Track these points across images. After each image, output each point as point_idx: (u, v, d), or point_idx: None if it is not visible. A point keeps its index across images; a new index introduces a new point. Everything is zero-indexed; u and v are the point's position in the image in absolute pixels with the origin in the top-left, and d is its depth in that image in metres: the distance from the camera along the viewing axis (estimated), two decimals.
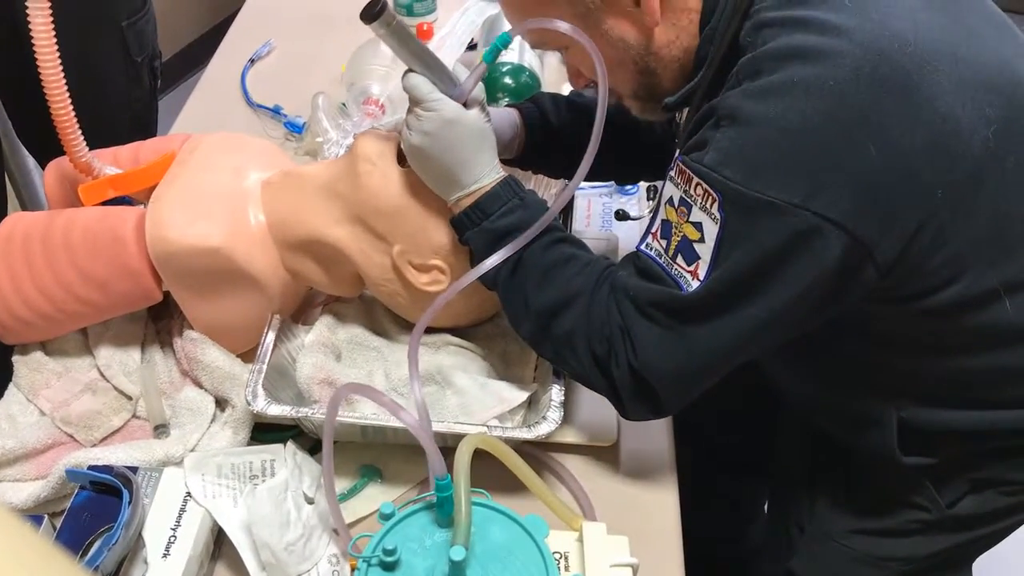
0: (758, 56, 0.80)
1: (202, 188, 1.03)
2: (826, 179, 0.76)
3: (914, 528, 1.04)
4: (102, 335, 1.09)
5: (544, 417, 0.95)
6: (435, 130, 0.92)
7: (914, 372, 0.94)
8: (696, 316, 0.83)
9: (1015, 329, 0.89)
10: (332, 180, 1.03)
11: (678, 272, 0.83)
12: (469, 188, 0.93)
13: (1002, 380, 0.93)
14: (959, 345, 0.91)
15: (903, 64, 0.76)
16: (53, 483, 0.94)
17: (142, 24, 1.54)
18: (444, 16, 1.78)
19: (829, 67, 0.76)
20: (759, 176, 0.77)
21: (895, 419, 0.96)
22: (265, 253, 1.03)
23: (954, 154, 0.79)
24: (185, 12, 3.11)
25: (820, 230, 0.77)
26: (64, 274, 1.02)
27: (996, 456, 0.98)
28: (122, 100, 1.58)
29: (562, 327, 0.90)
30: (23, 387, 1.06)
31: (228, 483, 0.92)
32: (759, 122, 0.77)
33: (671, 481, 1.02)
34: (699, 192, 0.80)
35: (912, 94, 0.76)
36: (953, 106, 0.78)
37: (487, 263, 0.91)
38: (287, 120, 1.52)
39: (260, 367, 0.99)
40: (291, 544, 0.86)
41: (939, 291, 0.85)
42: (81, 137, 1.00)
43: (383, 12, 0.88)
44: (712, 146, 0.80)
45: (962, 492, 1.01)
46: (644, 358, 0.86)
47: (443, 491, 0.77)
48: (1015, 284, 0.87)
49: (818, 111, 0.76)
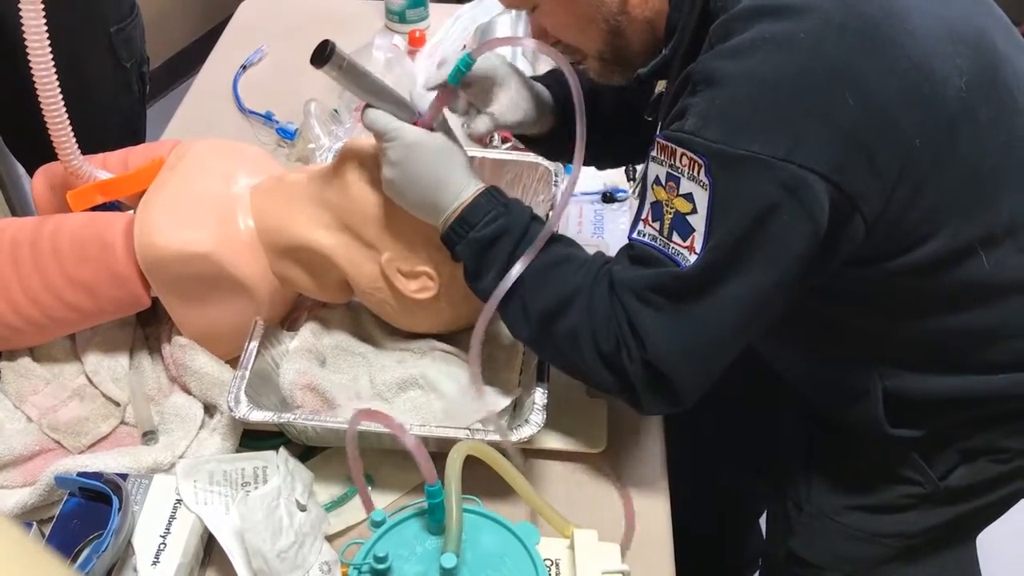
0: (727, 18, 0.80)
1: (191, 194, 1.03)
2: (807, 130, 0.77)
3: (908, 503, 1.04)
4: (90, 341, 1.09)
5: (527, 420, 0.95)
6: (400, 158, 0.92)
7: (895, 335, 0.94)
8: (697, 291, 0.83)
9: (993, 285, 0.90)
10: (321, 186, 1.03)
11: (675, 251, 0.83)
12: (451, 207, 0.93)
13: (982, 341, 0.93)
14: (938, 305, 0.91)
15: (871, 14, 0.78)
16: (41, 490, 0.93)
17: (130, 30, 1.54)
18: (436, 23, 1.78)
19: (799, 21, 0.77)
20: (741, 132, 0.77)
21: (880, 389, 0.96)
22: (254, 259, 1.03)
23: (929, 101, 0.79)
24: (177, 18, 3.11)
25: (806, 181, 0.77)
26: (52, 280, 1.01)
27: (984, 424, 0.98)
28: (111, 106, 1.58)
29: (564, 328, 0.89)
30: (10, 393, 1.06)
31: (220, 490, 0.92)
32: (734, 80, 0.78)
33: (662, 487, 1.02)
34: (684, 162, 0.80)
35: (884, 42, 0.77)
36: (926, 54, 0.79)
37: (513, 272, 0.89)
38: (279, 126, 1.52)
39: (243, 373, 0.99)
40: (283, 551, 0.85)
41: (917, 247, 0.85)
42: (73, 141, 1.00)
43: (332, 55, 0.88)
44: (691, 112, 0.80)
45: (953, 463, 1.01)
46: (653, 347, 0.85)
47: (434, 498, 0.77)
48: (991, 238, 0.87)
49: (792, 63, 0.77)
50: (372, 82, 0.93)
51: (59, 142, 0.98)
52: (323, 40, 0.88)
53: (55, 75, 0.93)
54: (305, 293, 1.08)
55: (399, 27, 1.77)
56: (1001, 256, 0.88)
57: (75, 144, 1.00)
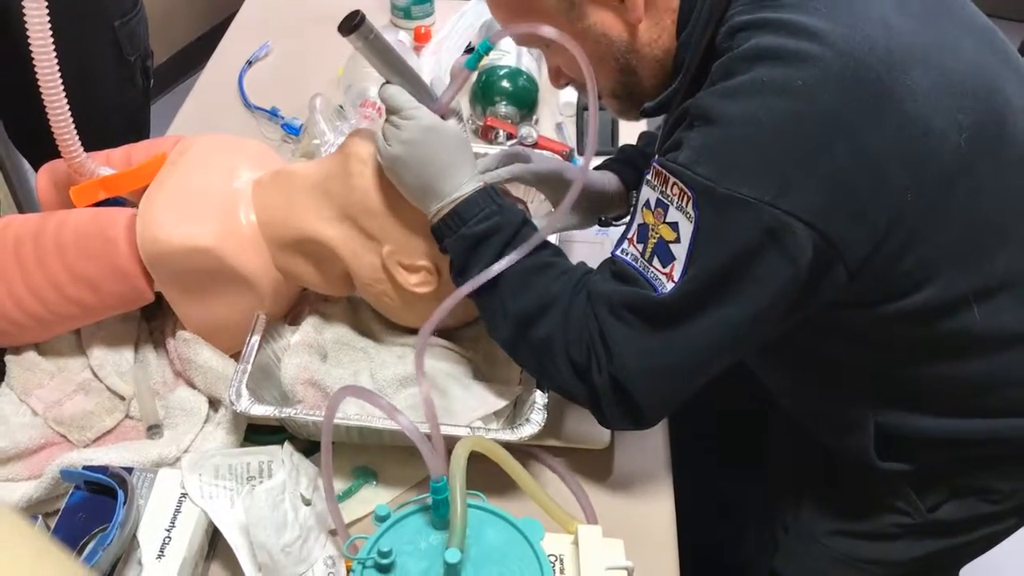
0: (731, 57, 0.80)
1: (193, 188, 1.03)
2: (796, 177, 0.77)
3: (896, 532, 1.04)
4: (95, 335, 1.09)
5: (527, 419, 0.95)
6: (413, 138, 0.92)
7: (887, 376, 0.95)
8: (671, 318, 0.83)
9: (985, 338, 0.89)
10: (323, 179, 1.03)
11: (654, 275, 0.84)
12: (449, 197, 0.93)
13: (976, 388, 0.93)
14: (933, 351, 0.91)
15: (873, 66, 0.77)
16: (46, 483, 0.94)
17: (134, 24, 1.54)
18: (442, 19, 1.78)
19: (799, 68, 0.76)
20: (731, 173, 0.78)
21: (872, 423, 0.96)
22: (256, 253, 1.03)
23: (924, 157, 0.79)
24: (182, 14, 3.11)
25: (790, 228, 0.77)
26: (56, 275, 1.02)
27: (975, 464, 0.98)
28: (115, 100, 1.58)
29: (539, 333, 0.90)
30: (16, 387, 1.06)
31: (225, 484, 0.92)
32: (730, 120, 0.78)
33: (667, 484, 1.02)
34: (675, 192, 0.81)
35: (882, 96, 0.77)
36: (924, 110, 0.78)
37: (495, 268, 0.90)
38: (284, 122, 1.52)
39: (244, 367, 0.99)
40: (288, 546, 0.85)
41: (909, 295, 0.85)
42: (76, 137, 1.00)
43: (361, 24, 0.89)
44: (686, 145, 0.81)
45: (943, 498, 1.01)
46: (620, 362, 0.85)
47: (439, 493, 0.77)
48: (985, 291, 0.87)
49: (788, 110, 0.77)
50: (395, 59, 0.94)
51: (61, 139, 0.98)
52: (354, 9, 0.89)
53: (59, 72, 0.93)
54: (308, 286, 1.08)
55: (404, 23, 1.77)
56: (996, 308, 0.88)
57: (78, 141, 1.00)
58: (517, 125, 1.46)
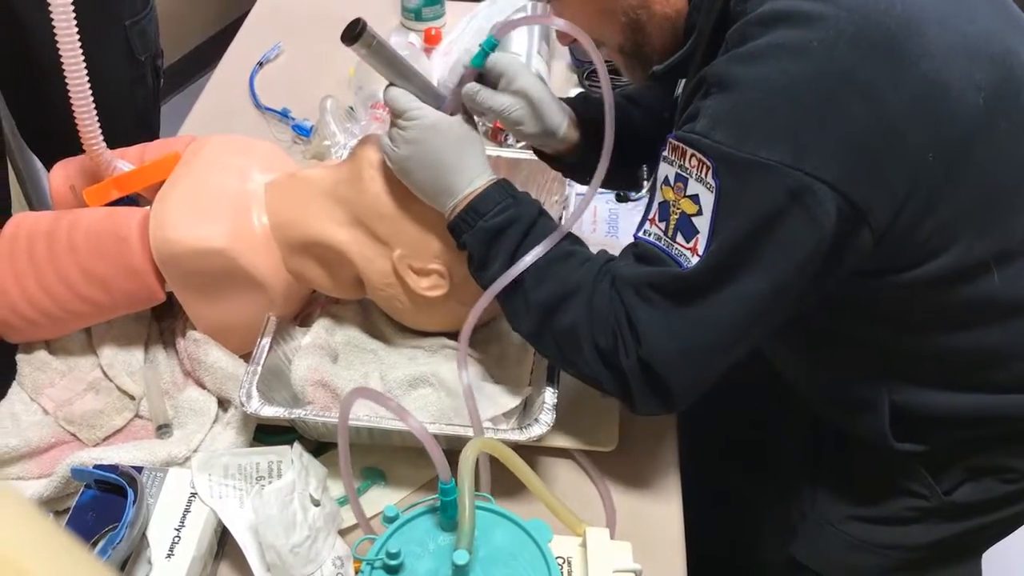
0: (744, 23, 0.80)
1: (206, 189, 1.04)
2: (815, 138, 0.77)
3: (913, 515, 1.03)
4: (106, 334, 1.09)
5: (536, 419, 0.95)
6: (418, 138, 0.92)
7: (904, 350, 0.94)
8: (697, 292, 0.82)
9: (1004, 303, 0.89)
10: (335, 183, 1.03)
11: (678, 252, 0.83)
12: (463, 193, 0.93)
13: (991, 360, 0.93)
14: (950, 321, 0.90)
15: (888, 25, 0.77)
16: (56, 482, 0.94)
17: (144, 24, 1.55)
18: (452, 21, 1.78)
19: (814, 29, 0.76)
20: (749, 137, 0.77)
21: (887, 402, 0.96)
22: (268, 255, 1.03)
23: (941, 116, 0.79)
24: (194, 14, 3.12)
25: (812, 190, 0.77)
26: (68, 274, 1.02)
27: (991, 443, 0.98)
28: (127, 99, 1.59)
29: (564, 321, 0.89)
30: (26, 386, 1.06)
31: (235, 484, 0.92)
32: (747, 84, 0.78)
33: (675, 486, 1.02)
34: (693, 163, 0.80)
35: (897, 54, 0.77)
36: (940, 69, 0.78)
37: (522, 263, 0.89)
38: (295, 123, 1.52)
39: (255, 368, 0.99)
40: (296, 546, 0.86)
41: (928, 262, 0.84)
42: (98, 128, 1.00)
43: (363, 33, 0.89)
44: (702, 114, 0.80)
45: (959, 479, 1.00)
46: (649, 344, 0.84)
47: (447, 495, 0.77)
48: (1004, 256, 0.86)
49: (804, 71, 0.76)
50: (400, 63, 0.94)
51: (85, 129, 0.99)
52: (355, 18, 0.89)
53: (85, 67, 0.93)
54: (319, 289, 1.08)
55: (415, 25, 1.77)
56: (1015, 273, 0.87)
57: (99, 132, 1.00)
58: None
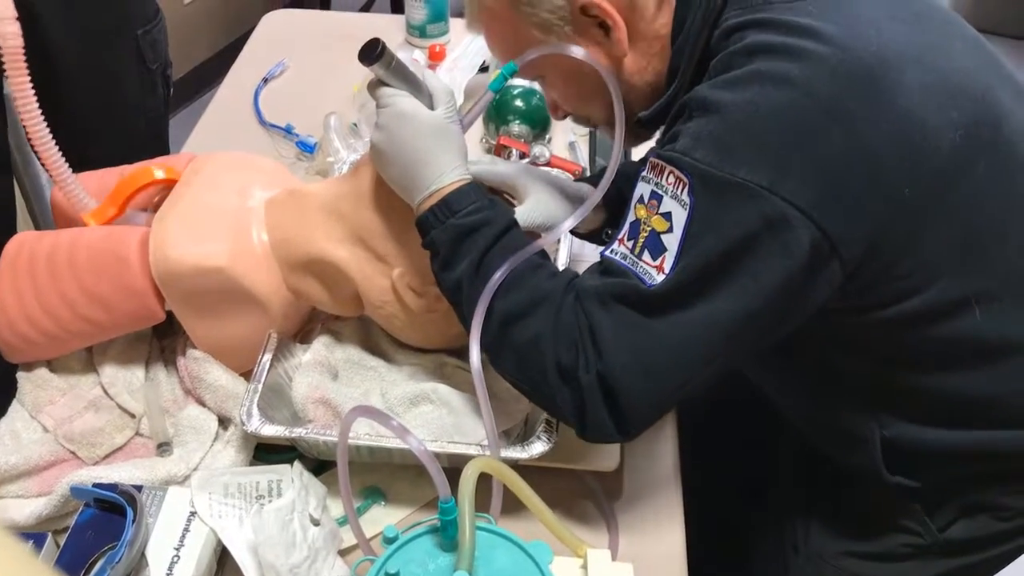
0: (730, 52, 0.82)
1: (206, 208, 1.04)
2: (793, 164, 0.77)
3: (906, 552, 1.03)
4: (106, 353, 1.09)
5: (538, 437, 0.95)
6: (389, 124, 0.92)
7: (893, 386, 0.94)
8: (661, 310, 0.81)
9: (990, 343, 0.89)
10: (335, 200, 1.03)
11: (643, 269, 0.82)
12: (430, 188, 0.90)
13: (980, 399, 0.92)
14: (937, 360, 0.90)
15: (867, 60, 0.79)
16: (56, 500, 0.94)
17: (155, 33, 1.57)
18: (456, 38, 1.79)
19: (797, 61, 0.78)
20: (729, 157, 0.78)
21: (879, 437, 0.95)
22: (268, 273, 1.03)
23: (919, 152, 0.80)
24: (199, 31, 3.14)
25: (787, 217, 0.77)
26: (68, 293, 1.02)
27: (985, 480, 0.97)
28: (137, 108, 1.60)
29: (526, 333, 0.86)
30: (27, 403, 1.06)
31: (234, 503, 0.92)
32: (730, 107, 0.79)
33: (677, 508, 1.01)
34: (670, 181, 0.80)
35: (876, 89, 0.78)
36: (917, 106, 0.79)
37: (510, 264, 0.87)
38: (299, 140, 1.52)
39: (256, 387, 0.99)
40: (296, 566, 0.85)
41: (909, 298, 0.84)
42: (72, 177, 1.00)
43: (383, 54, 0.89)
44: (683, 134, 0.81)
45: (953, 516, 1.00)
46: (609, 356, 0.82)
47: (447, 515, 0.77)
48: (985, 295, 0.86)
49: (786, 98, 0.78)
50: (416, 82, 0.94)
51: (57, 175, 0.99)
52: (372, 38, 0.89)
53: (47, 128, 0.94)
54: (319, 307, 1.08)
55: (419, 42, 1.78)
56: (998, 313, 0.87)
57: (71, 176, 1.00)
58: (530, 144, 1.47)
